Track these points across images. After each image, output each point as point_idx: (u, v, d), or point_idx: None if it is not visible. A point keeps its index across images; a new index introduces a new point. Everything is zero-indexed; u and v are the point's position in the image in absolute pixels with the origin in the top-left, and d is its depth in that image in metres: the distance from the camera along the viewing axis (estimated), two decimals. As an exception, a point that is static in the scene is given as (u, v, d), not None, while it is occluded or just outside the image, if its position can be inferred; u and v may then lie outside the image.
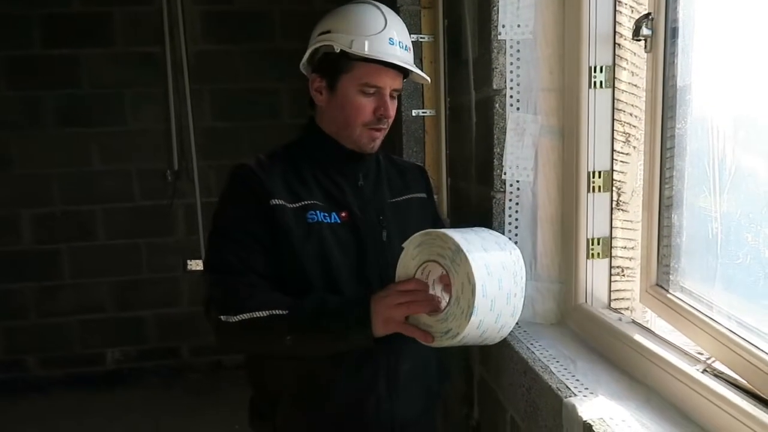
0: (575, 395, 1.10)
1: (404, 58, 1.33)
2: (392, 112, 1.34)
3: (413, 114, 2.80)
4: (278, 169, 1.34)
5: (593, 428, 0.97)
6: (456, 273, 1.11)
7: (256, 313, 1.21)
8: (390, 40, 1.31)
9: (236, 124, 3.79)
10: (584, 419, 1.01)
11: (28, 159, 3.70)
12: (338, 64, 1.31)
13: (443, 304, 1.16)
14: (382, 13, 1.34)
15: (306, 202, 1.32)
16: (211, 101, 3.79)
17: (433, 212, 1.54)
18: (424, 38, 2.75)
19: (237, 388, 3.57)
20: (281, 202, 1.30)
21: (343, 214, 1.34)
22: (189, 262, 3.87)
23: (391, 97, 1.34)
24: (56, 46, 3.62)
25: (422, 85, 2.79)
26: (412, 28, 2.75)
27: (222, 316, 1.23)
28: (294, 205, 1.31)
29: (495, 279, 1.11)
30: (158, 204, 3.82)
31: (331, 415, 1.33)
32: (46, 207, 3.75)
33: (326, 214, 1.32)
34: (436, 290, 1.19)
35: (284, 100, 3.77)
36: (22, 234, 3.76)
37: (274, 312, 1.21)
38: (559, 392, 1.12)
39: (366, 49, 1.27)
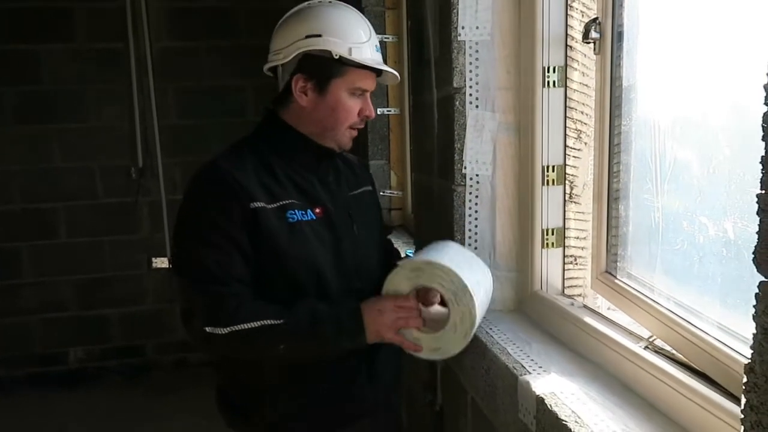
0: (529, 373, 1.18)
1: (386, 66, 1.41)
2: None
3: (378, 112, 2.86)
4: (250, 167, 1.33)
5: (545, 402, 1.05)
6: (456, 305, 1.26)
7: (246, 324, 1.23)
8: (376, 47, 1.39)
9: (201, 121, 3.79)
10: (537, 394, 1.09)
11: (-13, 156, 3.64)
12: (331, 68, 1.33)
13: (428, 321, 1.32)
14: (364, 19, 1.40)
15: (284, 202, 1.33)
16: (176, 98, 3.78)
17: (378, 203, 1.62)
18: (388, 38, 2.82)
19: (202, 385, 3.56)
20: (261, 204, 1.29)
21: (318, 210, 1.37)
22: (154, 259, 3.85)
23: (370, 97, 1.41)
24: (15, 41, 3.55)
25: (387, 84, 2.85)
26: (377, 28, 2.80)
27: (208, 328, 1.23)
28: (273, 206, 1.31)
29: (483, 304, 1.33)
30: (122, 201, 3.79)
31: (322, 399, 1.38)
32: (6, 205, 3.69)
33: (303, 212, 1.34)
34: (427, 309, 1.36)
35: (249, 97, 3.78)
36: (-19, 232, 3.69)
37: (265, 323, 1.23)
38: (515, 371, 1.20)
39: (362, 57, 1.33)
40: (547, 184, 1.49)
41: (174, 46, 3.72)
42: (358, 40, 1.34)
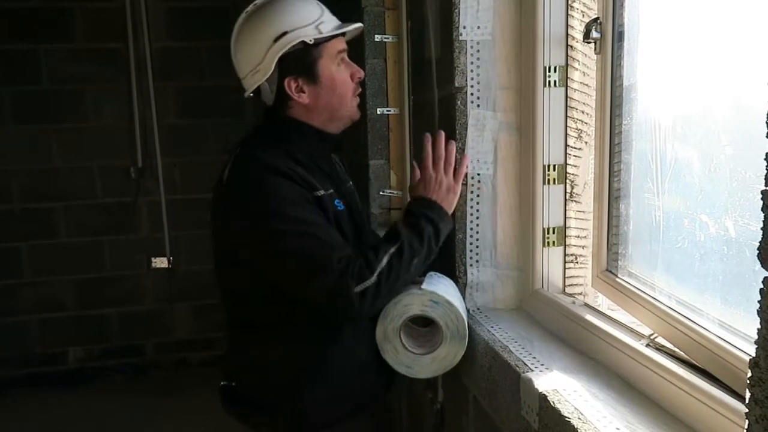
0: (532, 370, 1.19)
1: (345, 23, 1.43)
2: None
3: (378, 112, 2.87)
4: (292, 161, 1.34)
5: (548, 398, 1.06)
6: (449, 344, 1.40)
7: (382, 262, 1.27)
8: (331, 12, 1.41)
9: (201, 121, 3.79)
10: (540, 391, 1.09)
11: (-15, 156, 3.64)
12: (310, 55, 1.35)
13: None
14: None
15: (330, 191, 1.38)
16: (176, 98, 3.78)
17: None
18: (388, 38, 2.82)
19: (203, 385, 3.59)
20: (321, 191, 1.34)
21: (344, 201, 1.43)
22: (153, 259, 3.85)
23: None
24: (15, 41, 3.55)
25: (387, 84, 2.86)
26: (377, 28, 2.81)
27: (358, 288, 1.24)
28: (327, 193, 1.36)
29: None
30: (122, 201, 3.79)
31: (342, 393, 1.42)
32: (5, 204, 3.69)
33: (339, 201, 1.40)
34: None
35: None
36: (-20, 232, 3.69)
37: (390, 251, 1.29)
38: (517, 368, 1.21)
39: (331, 27, 1.36)
40: (548, 183, 1.50)
41: (173, 45, 3.73)
42: (318, 16, 1.37)
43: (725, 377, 0.95)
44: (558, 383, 1.12)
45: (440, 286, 1.44)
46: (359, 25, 1.45)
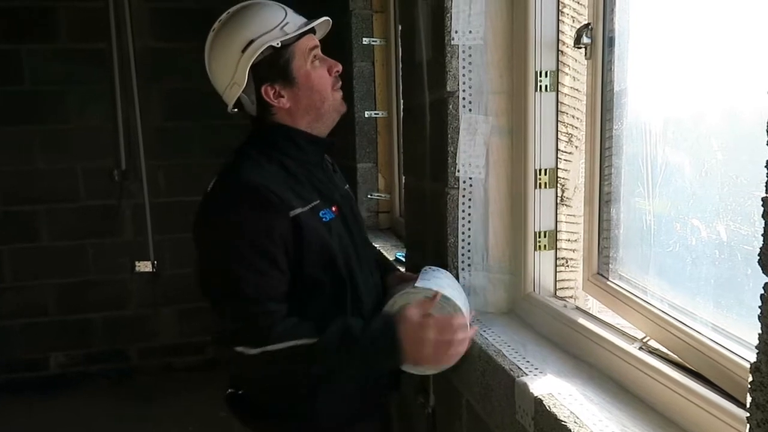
0: (526, 374, 1.19)
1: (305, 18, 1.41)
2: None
3: (366, 115, 2.87)
4: (277, 174, 1.32)
5: (543, 403, 1.06)
6: None
7: (279, 345, 1.21)
8: (294, 11, 1.39)
9: (187, 123, 3.76)
10: (535, 395, 1.09)
11: (-35, 157, 3.57)
12: (281, 57, 1.34)
13: None
14: (272, 2, 1.40)
15: (314, 203, 1.33)
16: (161, 100, 3.74)
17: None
18: (376, 41, 2.83)
19: (188, 390, 3.57)
20: (299, 209, 1.28)
21: (334, 209, 1.39)
22: (137, 263, 3.81)
23: None
24: (-4, 41, 3.50)
25: (375, 87, 2.86)
26: (365, 31, 2.82)
27: (238, 348, 1.22)
28: (306, 208, 1.31)
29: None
30: (105, 204, 3.74)
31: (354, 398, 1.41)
32: (-15, 208, 3.62)
33: (327, 211, 1.36)
34: None
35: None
36: (-41, 236, 3.62)
37: (298, 342, 1.22)
38: (512, 372, 1.21)
39: (298, 26, 1.35)
40: (540, 187, 1.51)
41: (158, 46, 3.69)
42: (282, 18, 1.35)
43: (719, 380, 0.96)
44: (553, 387, 1.12)
45: (434, 280, 1.39)
46: (325, 18, 1.42)
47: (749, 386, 0.62)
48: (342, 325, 1.25)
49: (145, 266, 3.81)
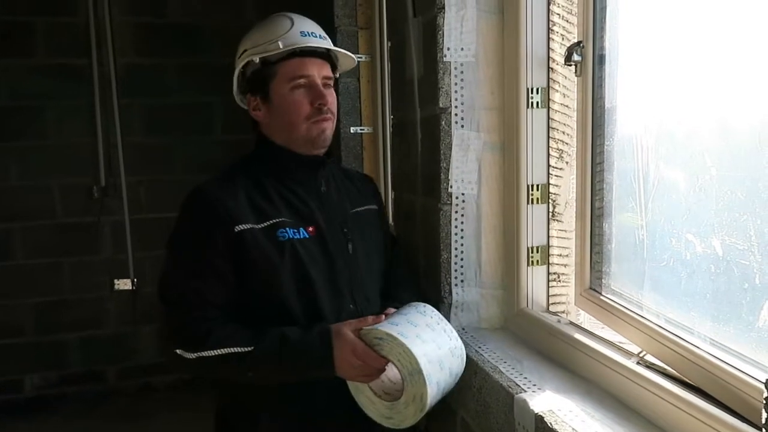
0: (525, 391, 1.18)
1: (320, 42, 1.38)
2: (330, 99, 1.37)
3: (351, 131, 2.86)
4: (241, 188, 1.34)
5: (545, 419, 1.06)
6: (411, 385, 1.19)
7: (214, 351, 1.23)
8: (302, 32, 1.37)
9: (168, 139, 3.71)
10: (536, 412, 1.09)
11: (-62, 174, 3.48)
12: (264, 75, 1.36)
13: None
14: (288, 16, 1.40)
15: (275, 221, 1.32)
16: (142, 116, 3.69)
17: (383, 225, 1.58)
18: (361, 58, 2.82)
19: (168, 410, 3.48)
20: (248, 225, 1.29)
21: (311, 229, 1.36)
22: (116, 281, 3.72)
23: (326, 86, 1.38)
24: (-28, 56, 3.43)
25: (361, 104, 2.86)
26: (350, 48, 2.81)
27: (178, 351, 1.24)
28: (262, 225, 1.31)
29: (442, 387, 1.24)
30: (83, 221, 3.66)
31: (319, 411, 1.34)
32: (-42, 225, 3.53)
33: (295, 230, 1.34)
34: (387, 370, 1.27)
35: (217, 115, 3.73)
36: (-69, 254, 3.51)
37: (232, 350, 1.23)
38: (510, 389, 1.20)
39: (280, 45, 1.33)
40: (532, 202, 1.51)
41: (140, 62, 3.65)
42: (274, 35, 1.35)
43: (720, 395, 0.97)
44: (553, 403, 1.12)
45: (397, 320, 1.25)
46: (343, 52, 1.42)
47: (764, 402, 0.62)
48: (278, 335, 1.25)
49: (124, 284, 3.73)
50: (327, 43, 1.41)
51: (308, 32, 1.37)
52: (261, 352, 1.23)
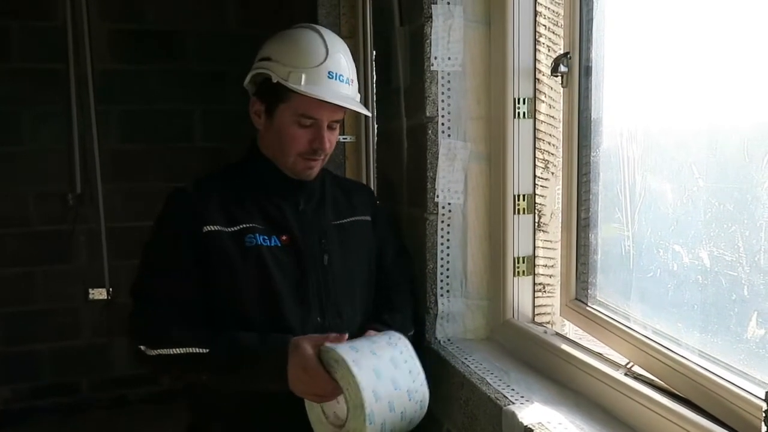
0: (513, 403, 1.17)
1: (343, 92, 1.33)
2: (330, 142, 1.36)
3: (334, 140, 2.84)
4: (216, 191, 1.35)
5: (534, 432, 1.05)
6: (353, 419, 1.12)
7: (172, 350, 1.24)
8: (329, 74, 1.31)
9: (146, 146, 3.65)
10: (525, 424, 1.08)
11: None
12: (277, 93, 1.32)
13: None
14: (324, 42, 1.33)
15: (244, 226, 1.32)
16: (120, 122, 3.63)
17: (379, 237, 1.51)
18: (344, 67, 2.81)
19: (144, 422, 3.41)
20: (216, 227, 1.30)
21: (284, 238, 1.34)
22: (91, 290, 3.63)
23: (331, 127, 1.36)
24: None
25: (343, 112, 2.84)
26: (333, 56, 2.81)
27: (141, 347, 1.26)
28: (231, 229, 1.31)
29: (387, 430, 1.13)
30: (57, 229, 3.57)
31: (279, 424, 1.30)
32: (-75, 233, 3.41)
33: (266, 237, 1.33)
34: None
35: (197, 123, 3.68)
36: None
37: (189, 350, 1.23)
38: (498, 401, 1.19)
39: (302, 83, 1.27)
40: (518, 212, 1.51)
41: (119, 68, 3.58)
42: (301, 63, 1.30)
43: (708, 406, 0.97)
44: (542, 416, 1.11)
45: (354, 342, 1.19)
46: (354, 108, 1.35)
47: (764, 415, 0.62)
48: (235, 340, 1.24)
49: (99, 294, 3.64)
50: (350, 90, 1.35)
51: (336, 74, 1.32)
52: (216, 355, 1.22)
